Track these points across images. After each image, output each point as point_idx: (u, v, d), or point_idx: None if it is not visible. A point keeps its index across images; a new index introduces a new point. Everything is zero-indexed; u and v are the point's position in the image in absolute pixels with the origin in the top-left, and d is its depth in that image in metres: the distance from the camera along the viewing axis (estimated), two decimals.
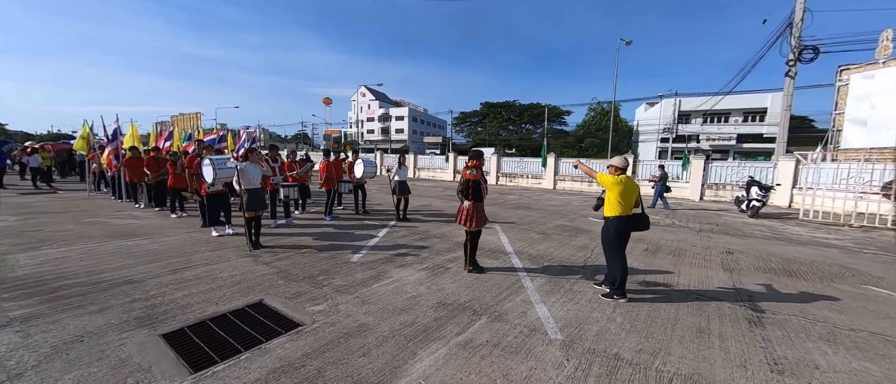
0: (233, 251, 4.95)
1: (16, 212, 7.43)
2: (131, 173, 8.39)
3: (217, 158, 5.58)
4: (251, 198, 5.01)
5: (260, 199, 5.17)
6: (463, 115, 56.65)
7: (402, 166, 7.51)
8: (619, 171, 3.61)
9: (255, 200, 5.07)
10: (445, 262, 4.63)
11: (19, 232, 5.78)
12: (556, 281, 4.00)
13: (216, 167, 5.45)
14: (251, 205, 5.00)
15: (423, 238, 6.02)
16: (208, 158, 5.52)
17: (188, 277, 3.89)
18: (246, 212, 4.96)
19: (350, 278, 3.96)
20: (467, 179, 4.00)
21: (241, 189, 4.88)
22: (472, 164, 4.05)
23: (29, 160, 11.57)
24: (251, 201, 5.00)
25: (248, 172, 5.09)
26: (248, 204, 4.96)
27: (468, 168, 4.04)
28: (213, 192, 5.85)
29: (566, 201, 12.23)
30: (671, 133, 38.60)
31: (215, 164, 5.45)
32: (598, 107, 53.20)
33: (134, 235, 5.77)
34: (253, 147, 5.80)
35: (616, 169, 3.65)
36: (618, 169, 3.65)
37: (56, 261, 4.36)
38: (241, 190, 4.89)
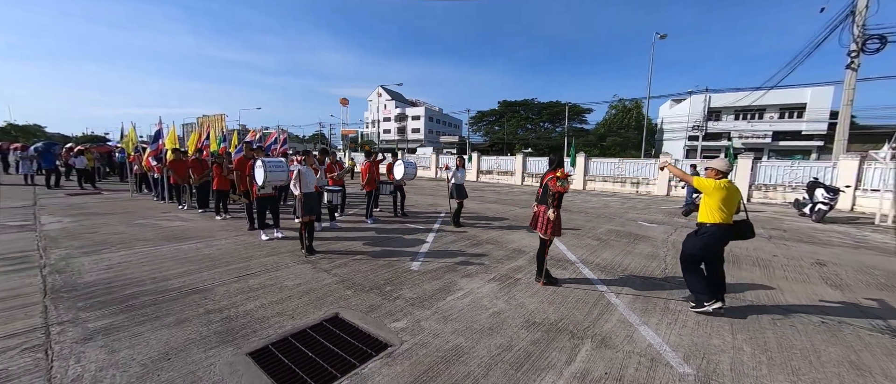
0: (288, 257, 4.82)
1: (68, 214, 7.62)
2: (175, 175, 8.49)
3: (269, 161, 5.47)
4: (308, 203, 4.84)
5: (317, 204, 5.00)
6: (480, 114, 56.07)
7: (460, 168, 7.08)
8: (720, 175, 3.29)
9: (311, 205, 4.90)
10: (511, 272, 4.34)
11: (77, 234, 5.86)
12: (645, 297, 3.64)
13: (268, 169, 5.34)
14: (308, 210, 4.83)
15: (475, 243, 5.75)
16: (260, 160, 5.43)
17: (254, 286, 3.75)
18: (302, 217, 4.80)
19: (419, 289, 3.73)
20: (558, 192, 3.65)
21: (299, 193, 4.69)
22: (562, 174, 3.71)
23: (75, 162, 11.99)
24: (308, 205, 4.83)
25: (306, 176, 4.92)
26: (306, 208, 4.78)
27: (558, 178, 3.66)
28: (262, 195, 5.77)
29: (603, 203, 11.70)
30: (700, 130, 36.92)
31: (267, 166, 5.35)
32: (619, 104, 51.62)
33: (186, 238, 5.75)
34: (307, 150, 5.63)
35: (717, 172, 3.31)
36: (719, 172, 3.30)
37: (119, 265, 4.33)
38: (299, 194, 4.69)
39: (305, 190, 4.83)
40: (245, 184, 6.39)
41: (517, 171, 20.27)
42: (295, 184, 4.75)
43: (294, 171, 4.79)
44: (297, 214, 4.82)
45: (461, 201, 7.07)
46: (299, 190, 4.73)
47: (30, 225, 6.42)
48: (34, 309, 3.12)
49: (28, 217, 7.13)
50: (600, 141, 47.62)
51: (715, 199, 3.18)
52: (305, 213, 4.80)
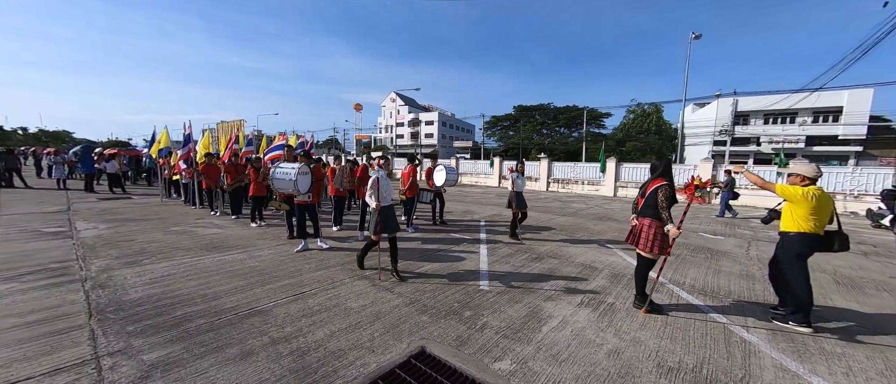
0: (340, 271, 4.39)
1: (103, 219, 7.43)
2: (207, 180, 8.25)
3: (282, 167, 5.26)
4: (387, 218, 4.06)
5: (395, 219, 4.20)
6: (494, 118, 55.57)
7: (520, 174, 6.40)
8: (807, 181, 3.03)
9: (389, 220, 4.09)
10: (597, 295, 3.79)
11: (114, 242, 5.59)
12: (783, 333, 3.03)
13: (274, 177, 5.21)
14: (386, 226, 4.05)
15: (536, 258, 5.22)
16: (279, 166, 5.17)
17: (314, 307, 3.31)
18: (378, 235, 4.05)
19: (503, 316, 3.22)
20: (691, 202, 3.13)
21: (377, 205, 4.02)
22: (700, 183, 3.17)
23: (106, 166, 12.01)
24: (386, 221, 4.04)
25: (385, 185, 4.13)
26: (383, 223, 4.01)
27: (697, 187, 3.11)
28: (300, 202, 5.40)
29: None
30: (728, 135, 35.45)
31: (275, 173, 5.14)
32: (637, 108, 50.40)
33: (225, 247, 5.41)
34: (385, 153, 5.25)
35: (803, 178, 3.04)
36: (807, 179, 3.02)
37: (163, 279, 3.98)
38: (376, 205, 4.03)
39: (384, 202, 4.06)
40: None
41: (542, 177, 19.63)
42: (371, 194, 4.04)
43: (371, 178, 4.09)
44: (369, 231, 4.14)
45: (522, 211, 6.37)
46: (376, 201, 4.00)
47: (66, 231, 6.21)
48: (80, 334, 2.75)
49: (63, 223, 6.96)
50: (620, 146, 46.41)
51: (804, 210, 2.94)
52: (386, 230, 4.08)
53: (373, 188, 4.00)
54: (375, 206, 3.99)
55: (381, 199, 4.00)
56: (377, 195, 3.97)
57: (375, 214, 4.02)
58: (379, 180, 4.00)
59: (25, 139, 60.92)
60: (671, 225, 3.07)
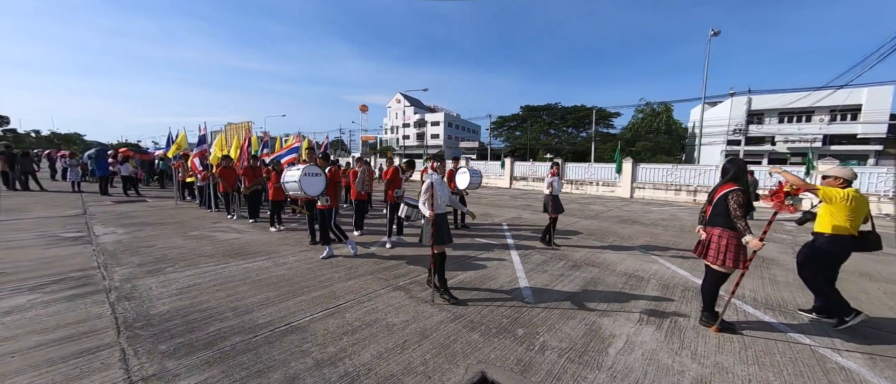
0: (372, 280, 4.16)
1: (120, 224, 7.30)
2: (224, 183, 8.09)
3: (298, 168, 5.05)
4: (442, 228, 3.56)
5: (448, 229, 3.70)
6: (501, 119, 55.22)
7: (556, 177, 5.99)
8: (845, 183, 3.13)
9: (444, 230, 3.59)
10: (655, 309, 3.50)
11: (134, 248, 5.43)
12: (883, 359, 2.72)
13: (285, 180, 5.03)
14: (440, 237, 3.54)
15: (573, 266, 4.94)
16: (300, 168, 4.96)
17: (354, 323, 3.08)
18: (434, 247, 3.54)
19: (560, 335, 2.95)
20: (779, 210, 2.85)
21: (431, 214, 3.47)
22: (791, 188, 2.90)
23: (121, 169, 11.96)
24: (440, 231, 3.54)
25: (441, 191, 3.58)
26: (437, 235, 3.52)
27: (787, 194, 2.83)
28: (323, 207, 5.16)
29: (669, 213, 10.60)
30: (742, 134, 34.72)
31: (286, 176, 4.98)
32: (646, 108, 49.75)
33: (248, 254, 5.21)
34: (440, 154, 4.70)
35: (841, 180, 3.13)
36: (846, 181, 3.13)
37: (190, 290, 3.77)
38: (431, 215, 3.48)
39: (439, 210, 3.54)
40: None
41: None
42: (425, 201, 3.57)
43: (426, 183, 3.57)
44: (424, 240, 3.63)
45: (556, 216, 6.01)
46: (431, 209, 3.51)
47: (85, 236, 6.07)
48: (110, 354, 2.54)
49: (81, 227, 6.83)
50: (629, 146, 45.76)
51: (843, 211, 3.02)
52: (438, 243, 3.55)
53: (427, 194, 3.55)
54: (430, 215, 3.49)
55: (435, 207, 3.52)
56: (432, 202, 3.51)
57: (429, 224, 3.54)
58: (434, 185, 3.52)
59: (38, 142, 61.98)
60: (750, 235, 2.77)
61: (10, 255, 4.86)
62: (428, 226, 3.56)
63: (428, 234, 3.56)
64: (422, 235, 3.68)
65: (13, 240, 5.66)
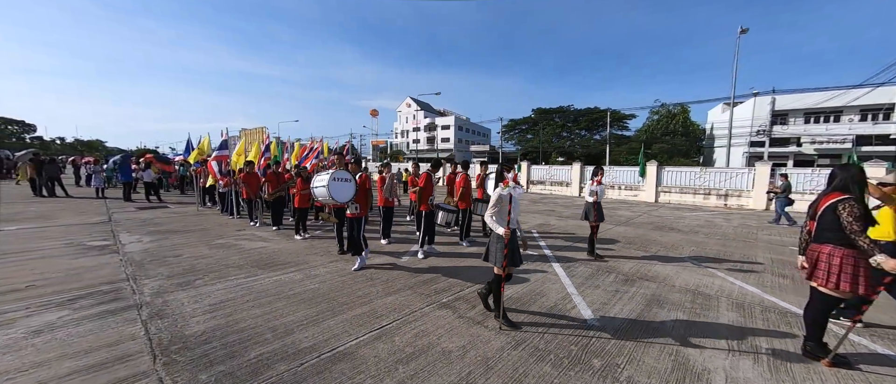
0: (412, 295, 3.86)
1: (145, 231, 7.21)
2: (247, 188, 7.96)
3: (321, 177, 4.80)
4: (515, 248, 3.16)
5: (519, 249, 3.25)
6: (512, 122, 54.74)
7: (599, 182, 5.54)
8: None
9: (517, 250, 3.20)
10: (748, 338, 3.09)
11: (161, 257, 5.27)
12: None
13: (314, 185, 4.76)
14: (515, 258, 3.15)
15: (626, 281, 4.55)
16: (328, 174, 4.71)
17: (405, 349, 2.77)
18: (503, 267, 3.06)
19: (646, 368, 2.59)
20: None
21: (507, 230, 3.02)
22: None
23: (143, 175, 12.04)
24: (515, 252, 3.15)
25: (516, 206, 3.11)
26: (512, 256, 3.10)
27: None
28: (353, 215, 4.89)
29: (704, 219, 10.03)
30: (766, 135, 33.41)
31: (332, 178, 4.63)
32: (662, 109, 48.64)
33: (277, 264, 4.98)
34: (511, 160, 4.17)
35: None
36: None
37: (223, 305, 3.54)
38: (506, 232, 3.02)
39: (513, 224, 3.11)
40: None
41: (575, 181, 18.77)
42: (495, 215, 3.10)
43: (497, 194, 3.08)
44: (492, 262, 3.16)
45: (598, 225, 5.58)
46: (506, 227, 3.02)
47: (111, 245, 5.96)
48: None
49: (107, 235, 6.75)
50: (645, 148, 44.69)
51: None
52: (512, 263, 3.12)
53: (498, 207, 3.11)
54: (505, 233, 3.02)
55: (512, 221, 3.07)
56: (509, 214, 3.04)
57: (501, 243, 3.07)
58: (512, 199, 3.03)
59: (63, 148, 64.29)
60: (883, 255, 2.35)
61: (39, 266, 4.75)
62: (500, 244, 3.08)
63: (500, 254, 3.07)
64: (489, 254, 3.23)
65: (42, 249, 5.58)
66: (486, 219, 3.16)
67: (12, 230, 7.05)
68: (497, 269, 3.14)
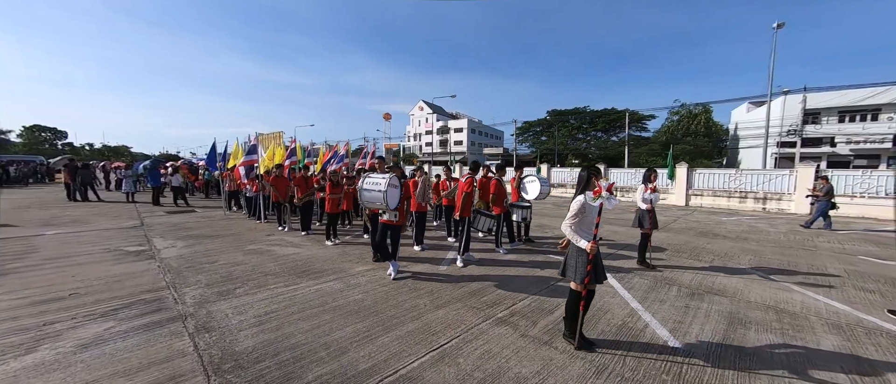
0: (464, 308, 3.60)
1: (177, 236, 7.22)
2: (276, 192, 7.89)
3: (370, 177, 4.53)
4: (598, 263, 2.80)
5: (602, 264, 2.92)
6: (527, 124, 54.12)
7: (653, 190, 5.13)
8: None
9: (601, 265, 2.85)
10: (876, 371, 2.71)
11: (198, 264, 5.19)
12: None
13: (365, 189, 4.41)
14: (597, 274, 2.78)
15: (692, 294, 4.17)
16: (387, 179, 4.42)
17: (474, 373, 2.51)
18: (583, 284, 2.73)
19: None
20: None
21: (593, 245, 2.67)
22: None
23: (171, 180, 12.24)
24: (598, 266, 2.80)
25: (590, 213, 2.74)
26: (596, 271, 2.77)
27: None
28: (387, 222, 4.68)
29: (747, 224, 9.43)
30: (798, 135, 31.80)
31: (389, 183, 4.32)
32: (682, 110, 47.20)
33: (314, 272, 4.82)
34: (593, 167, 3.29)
35: None
36: None
37: (269, 317, 3.37)
38: (592, 246, 2.67)
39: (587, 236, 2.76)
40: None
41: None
42: (572, 225, 2.74)
43: (579, 204, 2.70)
44: (572, 278, 2.79)
45: (651, 232, 5.18)
46: (593, 240, 2.68)
47: (147, 251, 5.95)
48: None
49: (142, 240, 6.78)
50: (665, 149, 43.34)
51: None
52: (597, 279, 2.79)
53: (582, 218, 2.72)
54: (590, 248, 2.66)
55: (586, 232, 2.75)
56: (594, 231, 2.73)
57: (581, 256, 2.73)
58: (602, 206, 2.63)
59: (92, 154, 67.20)
60: None
61: (81, 272, 4.72)
62: (582, 258, 2.74)
63: (581, 269, 2.73)
64: (567, 268, 2.90)
65: (82, 255, 5.60)
66: (563, 229, 2.87)
67: (51, 235, 7.17)
68: (575, 285, 2.83)
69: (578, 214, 2.78)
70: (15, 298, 3.80)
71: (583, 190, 2.84)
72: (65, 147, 64.99)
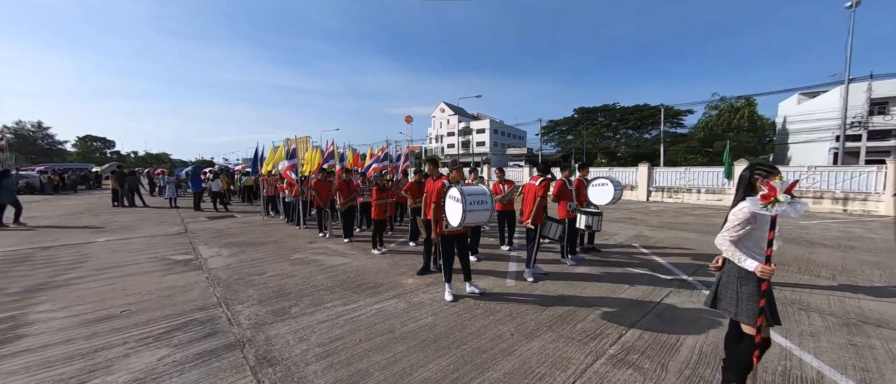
0: (559, 339, 2.98)
1: (221, 243, 7.05)
2: (319, 197, 7.58)
3: (469, 190, 3.63)
4: (771, 296, 2.07)
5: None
6: (552, 123, 52.53)
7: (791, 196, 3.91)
8: None
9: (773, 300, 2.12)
10: None
11: (246, 275, 4.88)
12: None
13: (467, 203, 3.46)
14: (775, 313, 2.09)
15: (847, 325, 3.33)
16: (459, 189, 3.63)
17: None
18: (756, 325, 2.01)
19: None
20: None
21: (768, 269, 1.95)
22: None
23: (211, 185, 12.40)
24: (772, 302, 2.10)
25: (760, 225, 2.03)
26: (770, 308, 2.06)
27: None
28: (454, 232, 4.01)
29: (838, 229, 8.14)
30: (863, 127, 28.58)
31: (467, 199, 3.47)
32: (722, 103, 44.10)
33: (369, 287, 4.35)
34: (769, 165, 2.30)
35: None
36: None
37: (335, 347, 2.90)
38: (768, 270, 1.95)
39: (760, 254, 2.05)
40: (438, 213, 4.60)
41: (642, 185, 16.94)
42: (735, 240, 2.07)
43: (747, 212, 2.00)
44: (735, 311, 2.09)
45: None
46: (768, 263, 1.98)
47: (193, 260, 5.74)
48: None
49: (187, 248, 6.63)
50: (705, 146, 40.59)
51: None
52: (770, 320, 2.05)
53: (750, 230, 2.04)
54: (766, 271, 1.96)
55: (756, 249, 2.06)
56: (768, 250, 2.00)
57: (748, 285, 2.06)
58: (775, 220, 1.95)
59: (137, 161, 71.97)
60: None
61: (131, 285, 4.51)
62: (747, 287, 2.04)
63: (751, 304, 2.02)
64: (721, 299, 2.19)
65: (131, 265, 5.45)
66: (720, 244, 2.18)
67: (102, 242, 7.20)
68: (748, 328, 2.12)
69: (743, 226, 2.08)
70: (67, 316, 3.57)
71: (745, 194, 2.15)
72: (112, 155, 69.92)
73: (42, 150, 55.27)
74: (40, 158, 48.25)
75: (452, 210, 3.70)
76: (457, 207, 3.59)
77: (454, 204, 3.67)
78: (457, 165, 4.22)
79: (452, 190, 3.76)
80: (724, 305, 2.20)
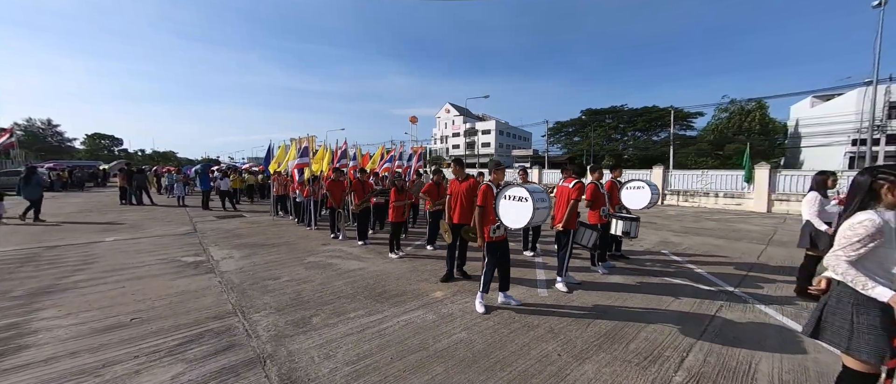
0: (615, 362, 2.67)
1: (232, 244, 6.81)
2: (332, 198, 7.32)
3: (531, 187, 3.44)
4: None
5: None
6: (559, 124, 52.00)
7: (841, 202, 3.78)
8: None
9: None
10: None
11: (260, 280, 4.61)
12: None
13: (536, 205, 3.20)
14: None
15: None
16: (522, 188, 3.43)
17: None
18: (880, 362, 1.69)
19: None
20: None
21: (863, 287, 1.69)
22: None
23: (220, 184, 12.21)
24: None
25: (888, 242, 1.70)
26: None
27: None
28: (498, 238, 3.77)
29: None
30: (881, 131, 27.84)
31: (536, 198, 3.23)
32: (732, 106, 43.37)
33: (392, 295, 4.06)
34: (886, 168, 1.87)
35: None
36: None
37: (365, 365, 2.61)
38: (870, 291, 1.67)
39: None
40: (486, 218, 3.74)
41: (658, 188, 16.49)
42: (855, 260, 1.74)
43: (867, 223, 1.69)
44: (847, 344, 1.77)
45: (821, 255, 3.88)
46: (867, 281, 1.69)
47: (205, 262, 5.50)
48: None
49: (198, 249, 6.39)
50: (716, 149, 39.88)
51: None
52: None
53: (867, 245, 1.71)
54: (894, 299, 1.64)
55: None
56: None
57: (877, 316, 1.71)
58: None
59: (144, 159, 72.50)
60: None
61: (141, 289, 4.26)
62: (867, 318, 1.72)
63: (873, 337, 1.69)
64: (825, 327, 1.88)
65: (140, 266, 5.22)
66: (832, 265, 1.86)
67: (110, 242, 7.00)
68: (859, 364, 1.76)
69: (865, 243, 1.74)
70: (74, 323, 3.32)
71: (863, 204, 1.83)
72: (120, 153, 70.48)
73: (51, 148, 55.78)
74: (49, 155, 48.68)
75: (514, 211, 3.41)
76: (523, 207, 3.32)
77: (518, 204, 3.37)
78: (500, 167, 3.92)
79: (515, 189, 3.46)
80: (830, 336, 1.88)
